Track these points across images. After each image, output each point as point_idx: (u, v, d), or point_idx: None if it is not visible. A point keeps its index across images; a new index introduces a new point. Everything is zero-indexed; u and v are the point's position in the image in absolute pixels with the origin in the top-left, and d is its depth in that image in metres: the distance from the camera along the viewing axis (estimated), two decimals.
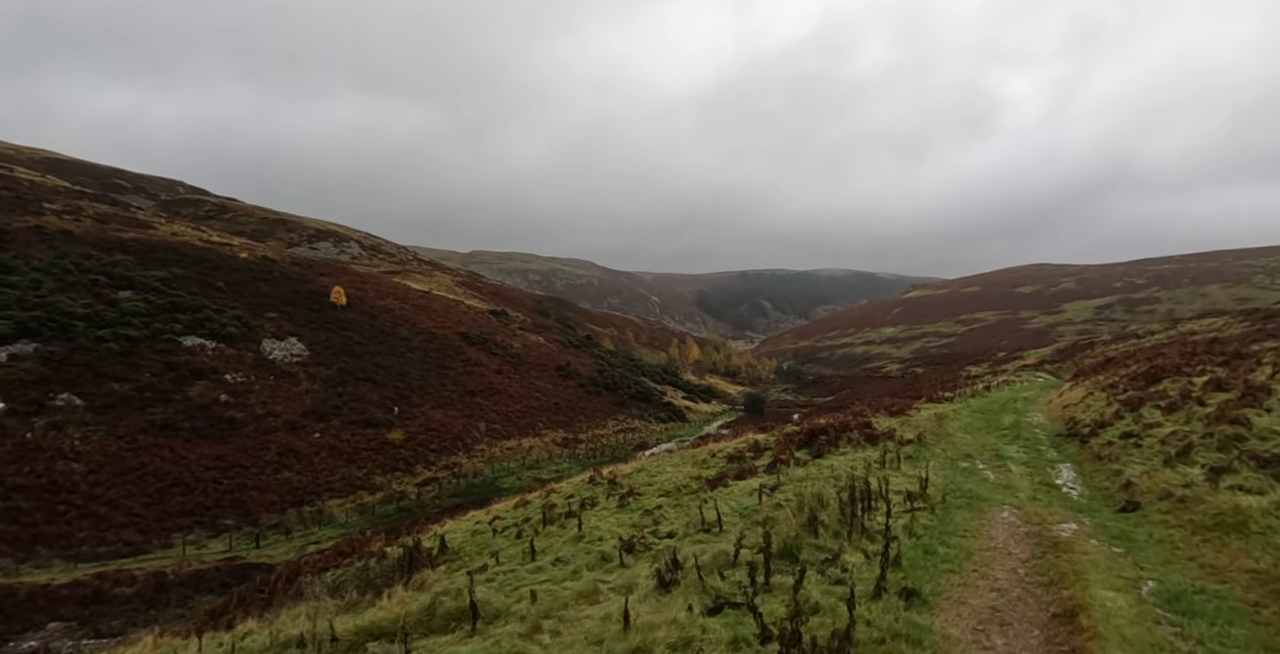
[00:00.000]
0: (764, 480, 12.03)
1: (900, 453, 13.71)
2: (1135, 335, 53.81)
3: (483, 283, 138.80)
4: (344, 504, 40.96)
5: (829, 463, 13.01)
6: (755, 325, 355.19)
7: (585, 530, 11.82)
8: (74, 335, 46.63)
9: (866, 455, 13.31)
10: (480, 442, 55.41)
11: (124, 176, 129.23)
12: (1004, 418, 20.67)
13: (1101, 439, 14.28)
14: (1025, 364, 66.68)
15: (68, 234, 58.76)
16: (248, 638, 9.04)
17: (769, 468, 13.56)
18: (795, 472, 12.40)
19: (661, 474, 15.84)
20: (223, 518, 37.00)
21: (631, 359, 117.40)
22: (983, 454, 14.62)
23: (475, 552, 12.58)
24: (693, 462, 16.27)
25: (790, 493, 10.30)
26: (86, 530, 33.50)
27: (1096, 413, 17.67)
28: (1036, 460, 13.81)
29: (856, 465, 12.24)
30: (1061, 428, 18.07)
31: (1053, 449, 15.27)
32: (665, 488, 14.14)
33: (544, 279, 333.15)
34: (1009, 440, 16.38)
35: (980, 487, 11.16)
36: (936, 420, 18.67)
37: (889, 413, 21.09)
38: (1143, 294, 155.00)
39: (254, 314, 59.02)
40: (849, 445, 14.93)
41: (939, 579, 6.90)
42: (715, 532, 9.38)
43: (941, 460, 13.37)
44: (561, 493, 16.93)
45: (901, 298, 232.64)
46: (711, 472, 14.63)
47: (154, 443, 40.63)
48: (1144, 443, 12.91)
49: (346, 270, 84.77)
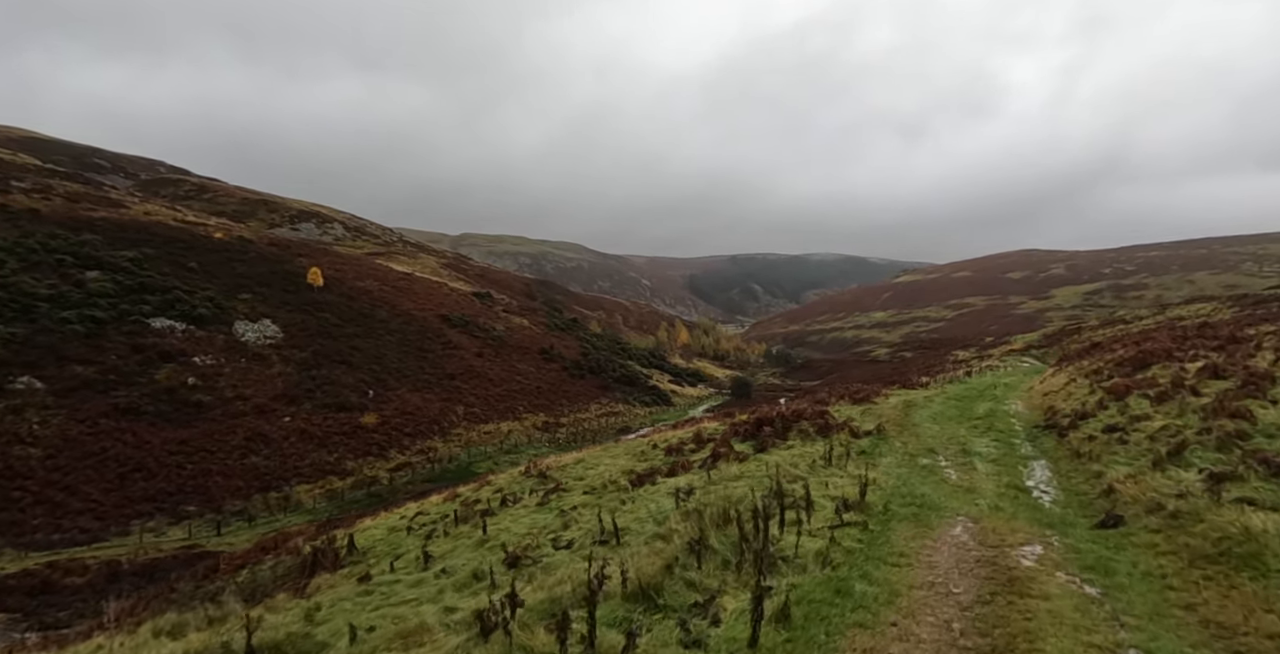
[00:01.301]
0: (693, 478, 11.13)
1: (852, 447, 12.58)
2: (1123, 320, 53.25)
3: (469, 265, 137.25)
4: (312, 490, 40.10)
5: (770, 459, 11.99)
6: (746, 309, 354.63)
7: (490, 533, 10.97)
8: (37, 317, 45.35)
9: (813, 450, 12.29)
10: (457, 426, 54.57)
11: (103, 156, 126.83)
12: (979, 406, 19.59)
13: (1082, 432, 13.00)
14: (1012, 349, 66.22)
15: (34, 213, 57.14)
16: None
17: (705, 463, 12.59)
18: (730, 469, 11.46)
19: (598, 467, 15.02)
20: (185, 504, 36.11)
21: (618, 342, 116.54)
22: (948, 449, 13.48)
23: (385, 552, 11.72)
24: (632, 454, 15.43)
25: (715, 495, 9.34)
26: (41, 517, 32.59)
27: (1078, 402, 16.47)
28: (1008, 457, 12.68)
29: (799, 462, 11.28)
30: (1040, 418, 16.78)
31: (1028, 443, 14.12)
32: (594, 484, 13.28)
33: (534, 262, 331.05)
34: (980, 432, 15.26)
35: (936, 490, 10.05)
36: (904, 409, 17.50)
37: (853, 400, 19.92)
38: (1131, 280, 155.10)
39: (227, 295, 57.72)
40: (798, 438, 13.89)
41: (839, 641, 5.13)
42: (613, 544, 8.45)
43: (899, 456, 12.30)
44: (493, 486, 16.13)
45: (892, 282, 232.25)
46: (645, 466, 13.76)
47: (116, 427, 39.59)
48: (1130, 438, 11.50)
49: (327, 251, 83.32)
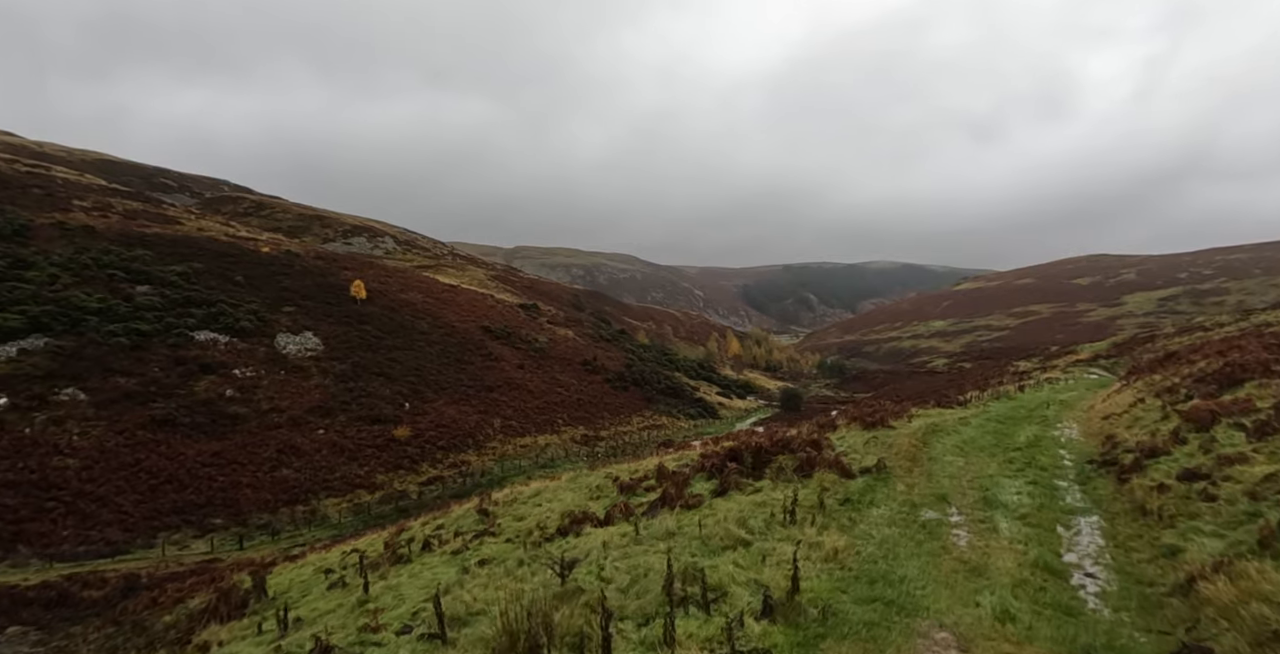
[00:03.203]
0: (619, 532, 9.03)
1: (836, 493, 9.94)
2: (1202, 327, 48.81)
3: (517, 277, 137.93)
4: (340, 504, 39.57)
5: (724, 508, 9.64)
6: (801, 319, 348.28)
7: (374, 593, 9.40)
8: (85, 330, 46.46)
9: (783, 496, 9.60)
10: (493, 439, 53.69)
11: (170, 176, 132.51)
12: (1022, 432, 16.41)
13: (1150, 477, 9.62)
14: (1078, 359, 62.06)
15: (90, 229, 59.15)
16: None
17: (651, 508, 10.45)
18: (666, 522, 9.25)
19: (546, 504, 13.27)
20: (212, 517, 35.94)
21: (665, 354, 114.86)
22: (965, 495, 10.35)
23: (295, 600, 10.31)
24: (588, 489, 13.60)
25: (623, 566, 7.29)
26: (70, 528, 32.74)
27: (1146, 431, 12.97)
28: (1045, 510, 9.60)
29: (756, 515, 8.94)
30: (1097, 450, 13.48)
31: (1076, 487, 10.98)
32: (524, 528, 11.49)
33: (587, 274, 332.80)
34: (1016, 470, 12.04)
35: (925, 571, 7.00)
36: (924, 436, 14.65)
37: (863, 424, 16.84)
38: (1210, 285, 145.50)
39: (270, 308, 58.47)
40: (772, 477, 11.23)
41: None
42: (438, 645, 6.47)
43: (895, 508, 9.57)
44: (438, 521, 14.61)
45: (952, 290, 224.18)
46: (585, 509, 11.83)
47: (152, 438, 39.91)
48: (1219, 492, 8.10)
49: (373, 264, 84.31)
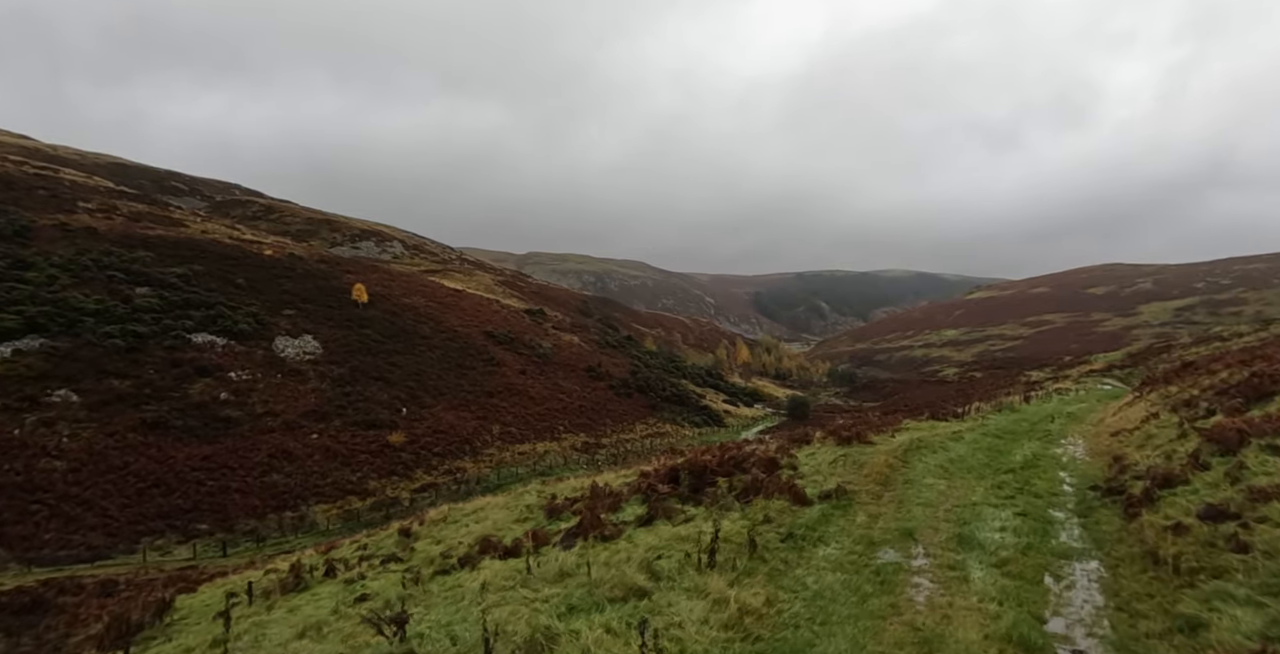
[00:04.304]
0: (512, 567, 7.95)
1: (786, 524, 8.54)
2: (1220, 337, 47.36)
3: (525, 282, 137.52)
4: (330, 510, 38.84)
5: (646, 540, 8.39)
6: (812, 327, 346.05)
7: (236, 631, 8.54)
8: (81, 331, 46.14)
9: (717, 529, 8.11)
10: (491, 445, 52.88)
11: (181, 179, 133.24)
12: (1019, 450, 14.69)
13: (1163, 513, 7.73)
14: (1092, 369, 60.71)
15: (92, 231, 59.08)
16: None
17: (567, 537, 9.30)
18: (565, 559, 8.02)
19: (474, 525, 12.36)
20: (198, 522, 35.29)
21: (673, 360, 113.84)
22: (937, 531, 8.64)
23: (183, 629, 9.50)
24: (521, 509, 12.64)
25: (473, 629, 6.16)
26: (53, 532, 32.17)
27: (1161, 451, 11.03)
28: (1032, 553, 7.81)
29: (673, 553, 7.66)
30: (1101, 471, 11.83)
31: (1075, 521, 9.26)
32: (432, 555, 10.62)
33: (598, 280, 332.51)
34: (1004, 497, 10.38)
35: (859, 645, 5.59)
36: (904, 454, 13.09)
37: (838, 439, 14.84)
38: (1227, 295, 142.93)
39: (270, 311, 58.08)
40: (708, 503, 9.84)
41: None
42: None
43: (848, 545, 8.05)
44: (359, 543, 13.75)
45: (964, 299, 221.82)
46: (509, 532, 10.86)
47: (142, 441, 39.40)
48: (1254, 538, 6.36)
49: (377, 268, 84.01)
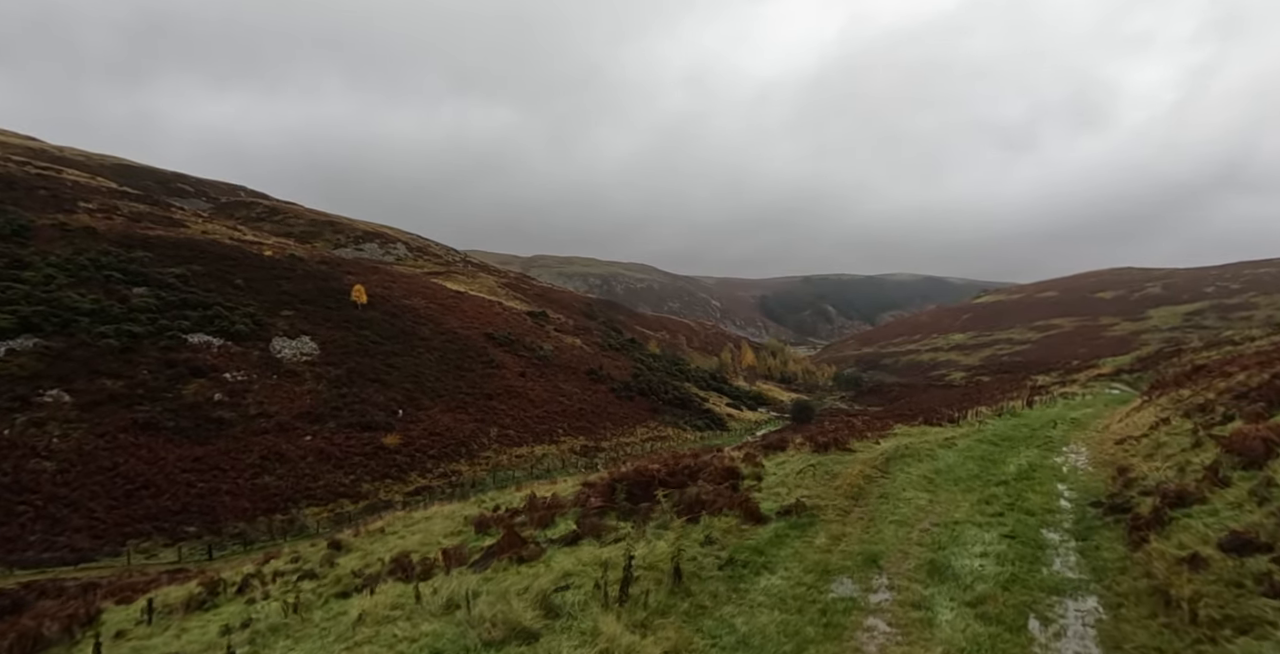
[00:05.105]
0: (403, 594, 7.13)
1: (730, 546, 7.46)
2: (1231, 341, 46.37)
3: (529, 285, 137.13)
4: (320, 513, 38.32)
5: (564, 563, 7.35)
6: (819, 331, 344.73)
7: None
8: (76, 331, 45.86)
9: (644, 553, 7.08)
10: (487, 448, 52.30)
11: (187, 181, 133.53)
12: (1014, 459, 13.45)
13: (1176, 541, 6.56)
14: (1100, 373, 59.65)
15: (91, 231, 58.92)
16: None
17: (484, 557, 8.41)
18: (464, 584, 7.09)
19: (405, 539, 11.75)
20: (186, 525, 34.80)
21: (677, 363, 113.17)
22: (909, 556, 7.52)
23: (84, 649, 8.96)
24: (460, 521, 11.99)
25: None
26: (38, 534, 31.75)
27: (1173, 462, 9.87)
28: (1017, 586, 6.66)
29: (584, 582, 6.68)
30: (1104, 484, 10.61)
31: (1072, 544, 8.04)
32: (343, 573, 10.02)
33: (604, 283, 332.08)
34: (993, 514, 9.24)
35: None
36: (883, 464, 11.88)
37: (814, 446, 13.28)
38: (1237, 299, 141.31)
39: (268, 312, 57.74)
40: (640, 520, 8.72)
41: None
42: None
43: (797, 574, 6.88)
44: (287, 556, 13.16)
45: (972, 303, 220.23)
46: (435, 548, 10.15)
47: (133, 442, 38.99)
48: None
49: (378, 270, 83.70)
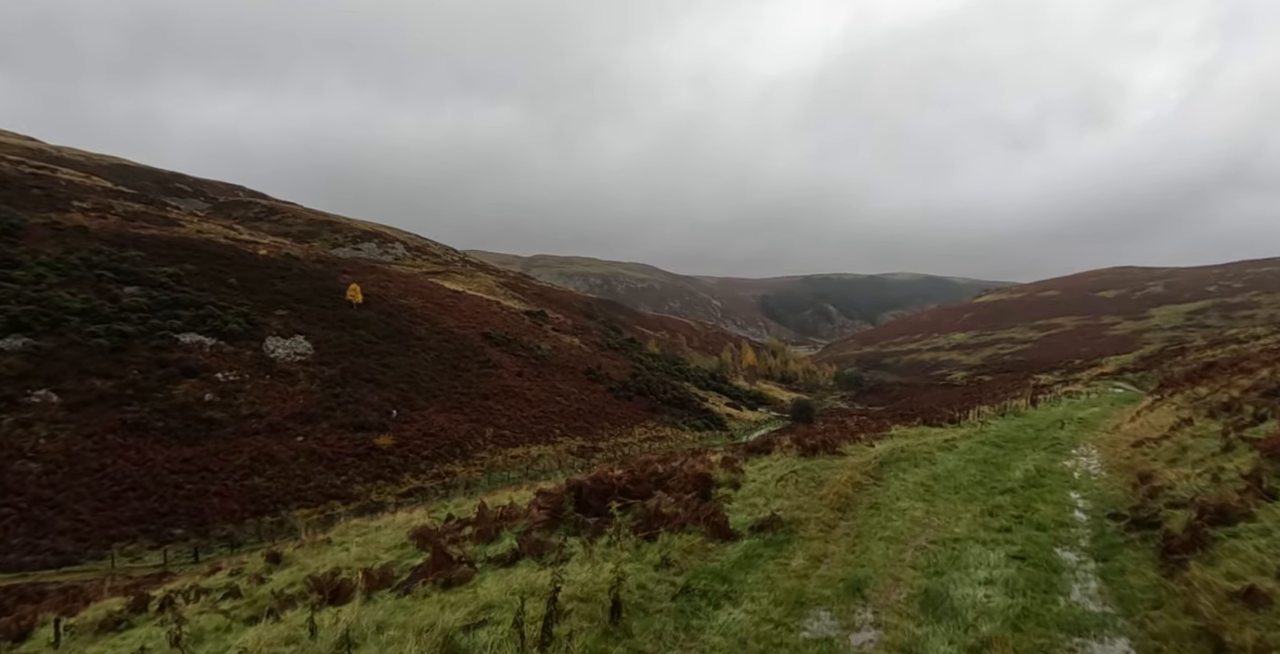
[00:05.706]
0: (300, 624, 5.70)
1: (688, 573, 6.37)
2: (1236, 340, 45.75)
3: (529, 284, 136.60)
4: (310, 515, 37.74)
5: (491, 591, 6.00)
6: (820, 331, 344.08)
7: None
8: (65, 330, 45.32)
9: (591, 579, 5.93)
10: (483, 449, 51.72)
11: (185, 181, 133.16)
12: (1020, 463, 12.50)
13: (1223, 567, 5.34)
14: (1103, 372, 59.13)
15: (83, 230, 58.43)
16: None
17: (412, 577, 7.28)
18: (379, 608, 5.99)
19: (355, 549, 11.16)
20: (173, 527, 34.26)
21: (676, 363, 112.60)
22: (899, 582, 6.30)
23: None
24: (405, 531, 11.38)
25: None
26: (22, 536, 31.21)
27: (1203, 469, 8.73)
28: (1028, 623, 5.27)
29: (508, 616, 5.25)
30: (1124, 495, 9.38)
31: (1091, 565, 6.66)
32: (264, 593, 9.40)
33: (604, 283, 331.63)
34: (999, 529, 7.90)
35: None
36: (876, 470, 10.93)
37: (801, 450, 12.43)
38: (1240, 298, 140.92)
39: (262, 311, 57.20)
40: (602, 536, 7.52)
41: None
42: None
43: (763, 607, 5.78)
44: (230, 568, 12.59)
45: (973, 302, 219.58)
46: (384, 559, 9.54)
47: (122, 443, 38.46)
48: None
49: (374, 269, 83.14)
